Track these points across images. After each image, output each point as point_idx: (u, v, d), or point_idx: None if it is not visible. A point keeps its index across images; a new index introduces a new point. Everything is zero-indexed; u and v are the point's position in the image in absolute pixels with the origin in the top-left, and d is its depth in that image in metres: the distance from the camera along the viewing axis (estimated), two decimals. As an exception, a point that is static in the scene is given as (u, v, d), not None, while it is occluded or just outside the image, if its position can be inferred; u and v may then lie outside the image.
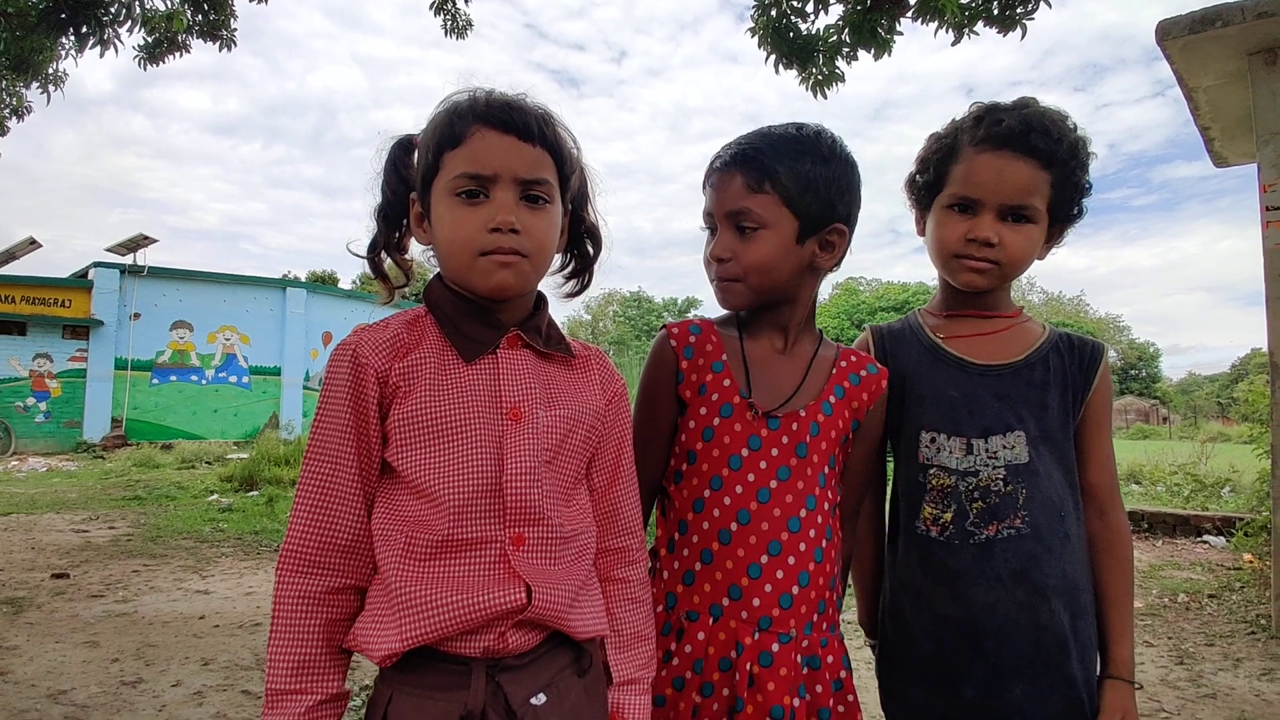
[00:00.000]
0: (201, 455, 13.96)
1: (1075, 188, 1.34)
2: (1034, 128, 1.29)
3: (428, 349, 1.08)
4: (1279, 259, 4.30)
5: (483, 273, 1.06)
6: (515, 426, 1.06)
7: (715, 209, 1.30)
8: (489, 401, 1.06)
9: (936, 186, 1.38)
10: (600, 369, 1.21)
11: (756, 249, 1.27)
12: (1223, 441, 15.13)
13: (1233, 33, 4.26)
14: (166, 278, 17.99)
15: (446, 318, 1.10)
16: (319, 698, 1.01)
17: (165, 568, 5.71)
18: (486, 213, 1.05)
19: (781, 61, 5.21)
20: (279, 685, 1.00)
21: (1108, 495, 1.37)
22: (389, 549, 1.03)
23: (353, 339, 1.07)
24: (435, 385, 1.05)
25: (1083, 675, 1.28)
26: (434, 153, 1.08)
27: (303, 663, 1.01)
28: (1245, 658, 3.97)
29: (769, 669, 1.20)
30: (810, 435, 1.27)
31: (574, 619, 1.08)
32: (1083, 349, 1.38)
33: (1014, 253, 1.32)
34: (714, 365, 1.31)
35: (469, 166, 1.05)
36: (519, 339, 1.12)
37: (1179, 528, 7.40)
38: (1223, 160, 6.01)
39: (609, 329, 56.91)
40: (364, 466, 1.05)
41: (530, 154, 1.07)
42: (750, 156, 1.28)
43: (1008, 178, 1.30)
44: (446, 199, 1.07)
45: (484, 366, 1.09)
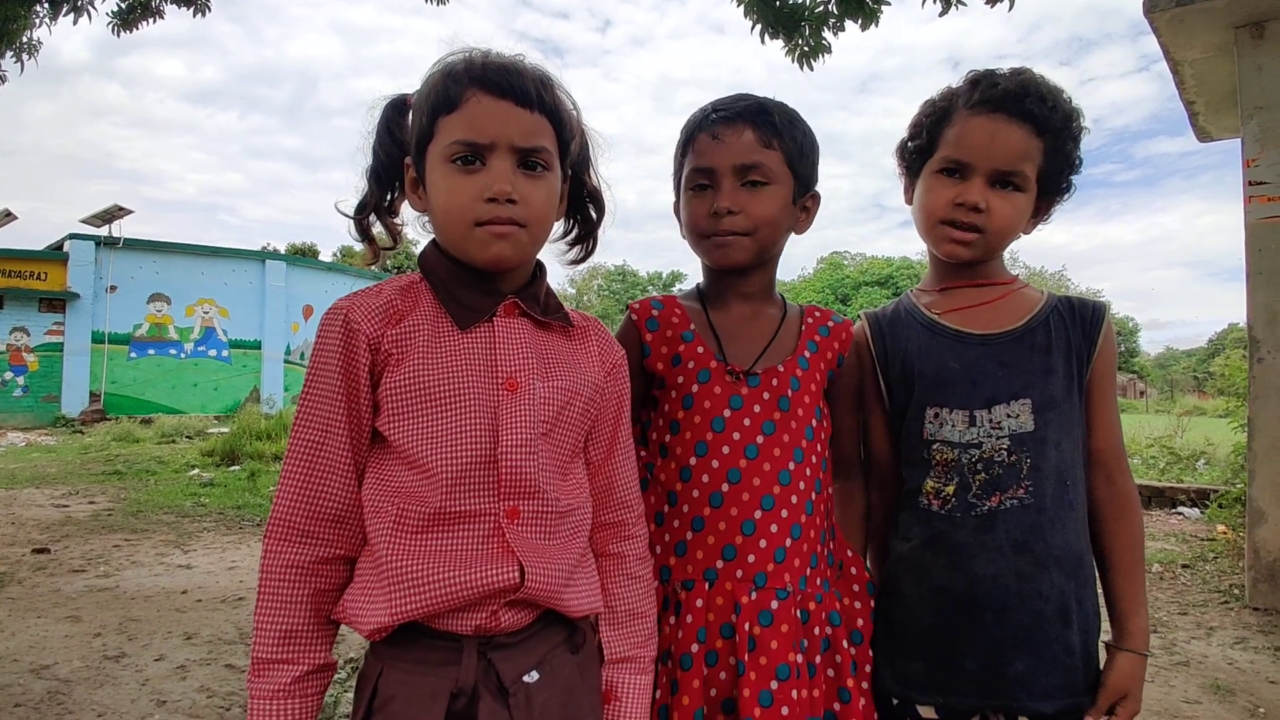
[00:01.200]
0: (181, 430, 13.84)
1: (1066, 159, 1.33)
2: (1030, 93, 1.28)
3: (421, 316, 1.05)
4: (1260, 233, 4.34)
5: (479, 243, 1.03)
6: (511, 397, 1.03)
7: (720, 161, 1.28)
8: (484, 371, 1.04)
9: (928, 151, 1.37)
10: (599, 339, 1.19)
11: (767, 203, 1.29)
12: (1198, 415, 15.36)
13: (1220, 5, 4.26)
14: (143, 250, 17.68)
15: (442, 284, 1.08)
16: (305, 668, 1.00)
17: (147, 542, 5.68)
18: (483, 181, 1.02)
19: (768, 31, 5.14)
20: (265, 654, 0.99)
21: (1115, 460, 1.34)
22: (379, 520, 1.01)
23: (344, 303, 1.04)
24: (428, 353, 1.03)
25: (1081, 645, 1.27)
26: (428, 117, 1.05)
27: (289, 632, 1.00)
28: (1218, 626, 4.06)
29: (770, 628, 1.21)
30: (792, 389, 1.29)
31: (568, 597, 1.07)
32: (1084, 310, 1.35)
33: (1000, 220, 1.31)
34: (684, 335, 1.31)
35: (464, 133, 1.02)
36: (516, 307, 1.09)
37: (1154, 500, 7.53)
38: (1206, 135, 6.03)
39: (593, 303, 56.74)
40: (355, 434, 1.03)
41: (528, 120, 1.04)
42: (759, 112, 1.29)
43: (1000, 140, 1.29)
44: (441, 166, 1.04)
45: (480, 335, 1.06)
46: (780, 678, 1.19)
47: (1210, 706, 3.09)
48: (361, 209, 1.15)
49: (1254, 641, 3.82)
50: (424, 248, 1.13)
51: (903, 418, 1.38)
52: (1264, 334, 4.31)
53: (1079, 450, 1.32)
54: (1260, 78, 4.37)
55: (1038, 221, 1.41)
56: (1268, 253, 4.30)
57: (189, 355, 18.13)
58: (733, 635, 1.21)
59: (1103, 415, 1.34)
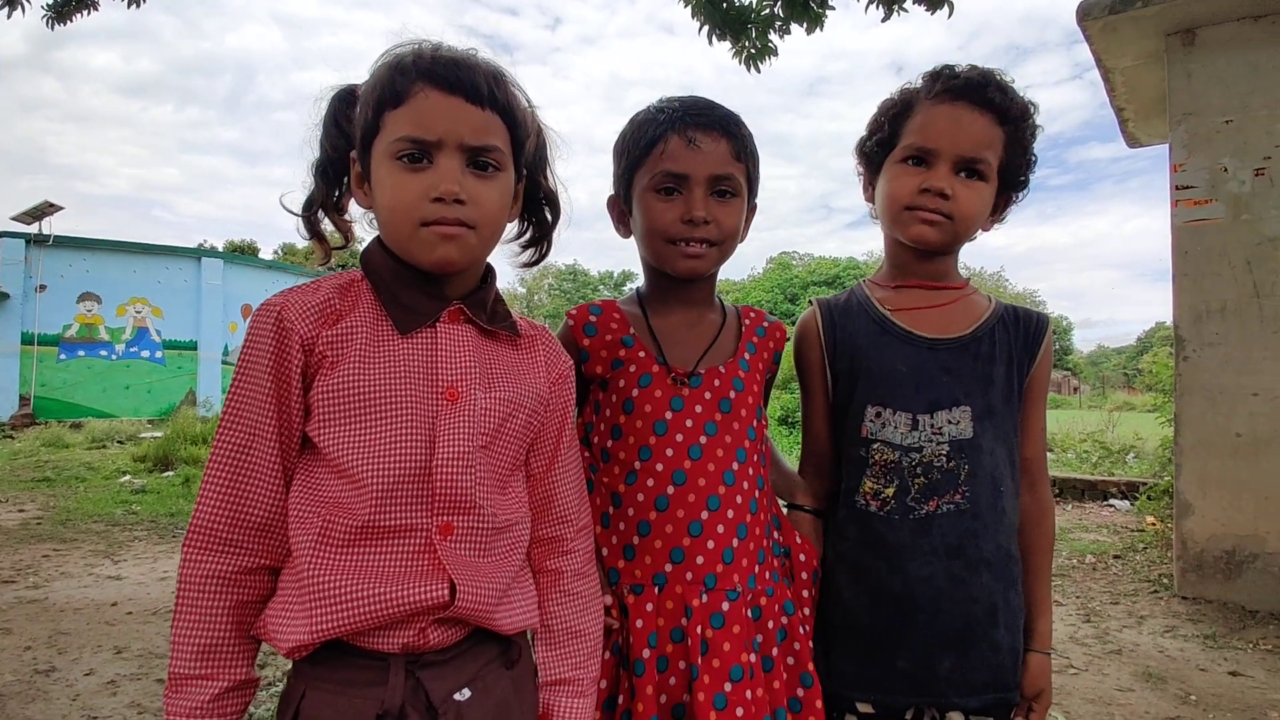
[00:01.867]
0: (113, 434, 13.30)
1: (1024, 151, 1.36)
2: (990, 82, 1.30)
3: (360, 317, 1.00)
4: (1186, 236, 4.51)
5: (425, 245, 0.99)
6: (451, 407, 0.99)
7: (696, 169, 1.25)
8: (424, 378, 0.99)
9: (890, 143, 1.38)
10: (546, 349, 1.16)
11: (734, 215, 1.29)
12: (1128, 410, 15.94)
13: (1152, 13, 4.40)
14: (73, 247, 16.92)
15: (384, 284, 1.03)
16: (225, 684, 0.95)
17: (76, 552, 5.45)
18: (430, 180, 0.97)
19: (715, 32, 5.17)
20: (183, 670, 0.94)
21: (1039, 470, 1.40)
22: (303, 532, 0.96)
23: (278, 300, 0.98)
24: (366, 357, 0.98)
25: (1008, 643, 1.31)
26: (374, 111, 1.00)
27: (209, 647, 0.95)
28: (1148, 615, 4.21)
29: (722, 629, 1.20)
30: (735, 390, 1.29)
31: (500, 615, 1.03)
32: (1028, 322, 1.39)
33: (966, 208, 1.32)
34: (624, 340, 1.30)
35: (411, 129, 0.97)
36: (461, 313, 1.05)
37: (1087, 492, 7.79)
38: (1136, 141, 6.24)
39: (544, 302, 56.43)
40: (284, 439, 0.98)
41: (479, 118, 1.00)
42: (733, 123, 1.29)
43: (965, 127, 1.30)
44: (387, 162, 0.99)
45: (420, 340, 1.01)
46: (734, 679, 1.18)
47: (1143, 694, 3.20)
48: (309, 205, 1.09)
49: (1183, 630, 3.97)
50: (367, 245, 1.08)
51: (843, 411, 1.39)
52: (1189, 333, 4.48)
53: (1012, 458, 1.36)
54: (1189, 84, 4.53)
55: (995, 219, 1.43)
56: (1193, 255, 4.47)
57: (121, 357, 17.40)
58: (683, 639, 1.20)
59: (1034, 425, 1.40)
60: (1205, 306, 4.43)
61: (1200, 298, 4.45)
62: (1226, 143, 4.41)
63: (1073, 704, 3.09)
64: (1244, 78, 4.37)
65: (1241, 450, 4.30)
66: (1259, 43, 4.34)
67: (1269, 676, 3.37)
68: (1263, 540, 4.23)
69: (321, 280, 1.03)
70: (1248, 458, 4.28)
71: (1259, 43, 4.34)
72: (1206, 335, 4.42)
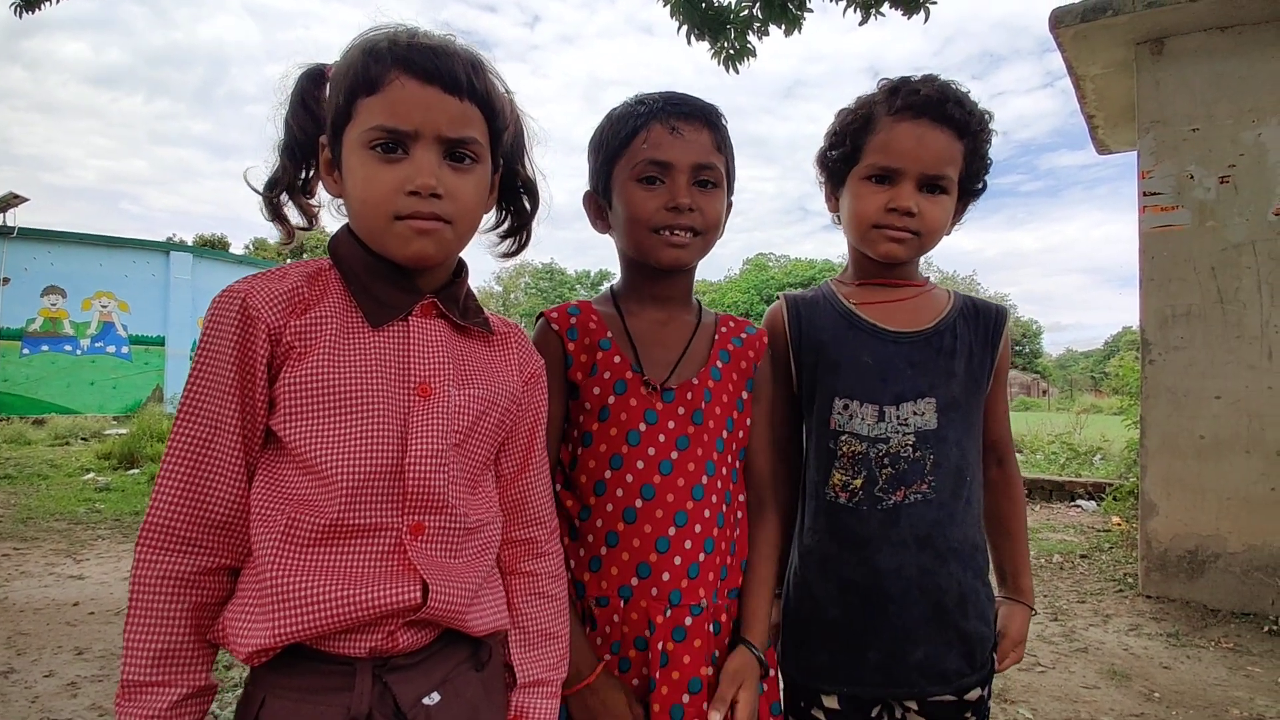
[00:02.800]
0: (77, 431, 13.01)
1: (982, 160, 1.39)
2: (949, 98, 1.32)
3: (330, 308, 0.96)
4: (1153, 242, 4.59)
5: (399, 239, 0.96)
6: (423, 403, 0.96)
7: (679, 157, 1.24)
8: (396, 373, 0.96)
9: (852, 159, 1.39)
10: (520, 348, 1.13)
11: (717, 205, 1.29)
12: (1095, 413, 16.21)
13: (1122, 22, 4.47)
14: (38, 239, 16.53)
15: (354, 275, 0.99)
16: (183, 691, 0.91)
17: (37, 551, 5.31)
18: (405, 172, 0.94)
19: (694, 33, 5.19)
20: (138, 676, 0.89)
21: (1005, 447, 1.49)
22: (266, 531, 0.92)
23: (242, 286, 0.94)
24: (335, 349, 0.94)
25: (978, 632, 1.34)
26: (346, 96, 0.95)
27: (165, 651, 0.90)
28: (1114, 614, 4.28)
29: (683, 643, 1.20)
30: (705, 402, 1.27)
31: (472, 617, 1.01)
32: (986, 315, 1.43)
33: (931, 222, 1.35)
34: (601, 343, 1.28)
35: (386, 119, 0.93)
36: (434, 307, 1.02)
37: (1055, 493, 7.91)
38: (1105, 148, 6.34)
39: (520, 301, 56.17)
40: (247, 432, 0.93)
41: (456, 108, 0.96)
42: (715, 114, 1.29)
43: (928, 145, 1.32)
44: (360, 151, 0.95)
45: (392, 334, 0.98)
46: (692, 691, 1.18)
47: (1108, 691, 3.25)
48: (272, 186, 1.04)
49: (1147, 628, 4.04)
50: (336, 233, 1.04)
51: (810, 403, 1.40)
52: (1155, 337, 4.56)
53: (976, 448, 1.39)
54: (1158, 93, 4.61)
55: (955, 222, 1.46)
56: (1160, 260, 4.55)
57: (86, 351, 17.05)
58: (646, 649, 1.19)
59: (998, 408, 1.47)
60: (1171, 311, 4.51)
61: (1166, 302, 4.53)
62: (1193, 150, 4.49)
63: (1040, 701, 3.13)
64: (1210, 87, 4.46)
65: (1204, 452, 4.38)
66: (1225, 53, 4.43)
67: (1230, 674, 3.44)
68: (1224, 540, 4.32)
69: (288, 267, 0.99)
70: (1210, 459, 4.37)
71: (1225, 53, 4.43)
72: (1172, 339, 4.50)
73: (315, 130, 1.03)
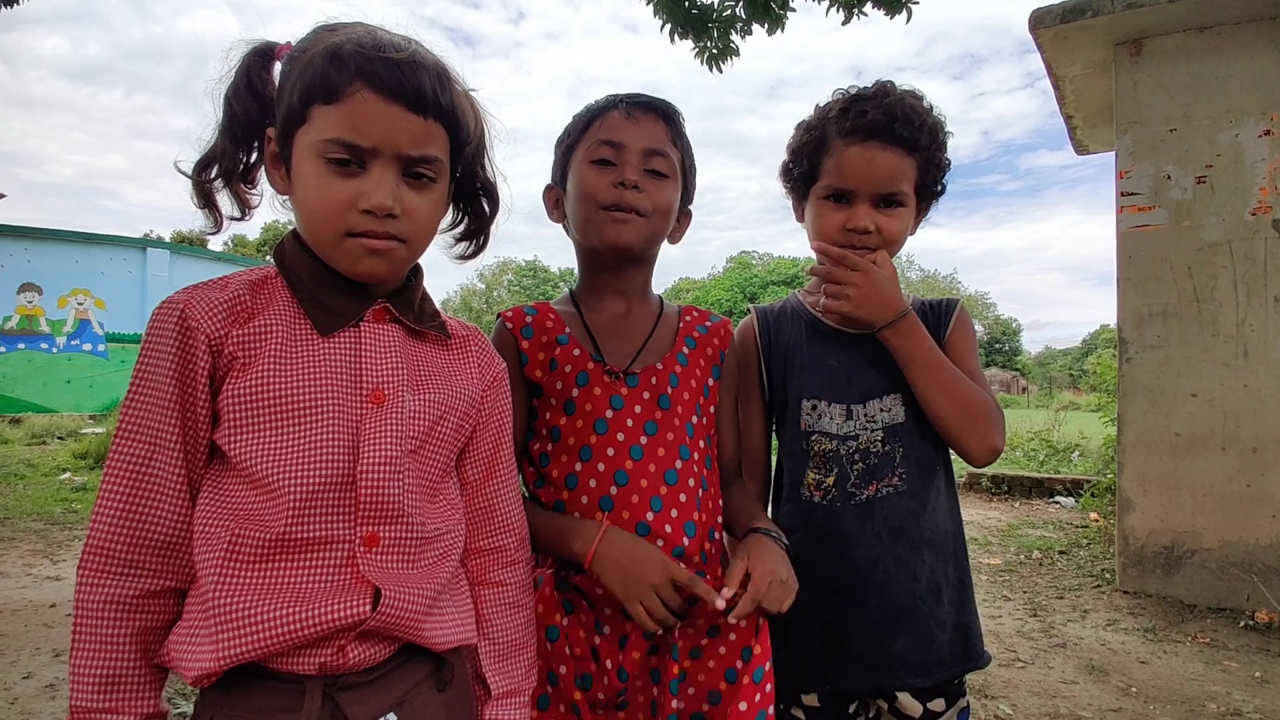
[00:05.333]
0: (53, 429, 12.84)
1: (937, 167, 1.42)
2: (897, 117, 1.34)
3: (275, 316, 0.93)
4: (1130, 241, 4.64)
5: (349, 255, 0.92)
6: (376, 410, 0.92)
7: (631, 140, 1.26)
8: (347, 381, 0.92)
9: (811, 177, 1.43)
10: (479, 351, 1.10)
11: (667, 194, 1.30)
12: (1073, 410, 16.42)
13: (1101, 23, 4.51)
14: (13, 236, 16.27)
15: (300, 282, 0.95)
16: (132, 718, 0.88)
17: (13, 552, 5.24)
18: (360, 188, 0.90)
19: (677, 31, 5.19)
20: (85, 703, 0.86)
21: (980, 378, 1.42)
22: (209, 549, 0.88)
23: (180, 297, 0.90)
24: (282, 359, 0.90)
25: (953, 619, 1.36)
26: (302, 99, 0.90)
27: (111, 678, 0.87)
28: (1092, 609, 4.33)
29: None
30: (671, 387, 1.28)
31: (430, 628, 0.96)
32: (937, 309, 1.47)
33: (890, 236, 1.39)
34: (559, 339, 1.29)
35: (344, 133, 0.89)
36: (387, 312, 0.99)
37: (1034, 490, 7.99)
38: (1084, 148, 6.41)
39: (504, 298, 55.97)
40: (189, 449, 0.90)
41: (419, 127, 0.92)
42: (671, 110, 1.32)
43: (878, 167, 1.35)
44: (312, 160, 0.90)
45: (343, 340, 0.94)
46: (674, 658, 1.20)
47: (1086, 686, 3.29)
48: (205, 166, 0.97)
49: (1124, 623, 4.09)
50: (281, 241, 1.00)
51: (782, 409, 1.45)
52: (1132, 335, 4.62)
53: (941, 443, 1.41)
54: (1136, 93, 4.66)
55: (918, 222, 1.49)
56: (1137, 259, 4.61)
57: (62, 349, 16.82)
58: (632, 636, 1.20)
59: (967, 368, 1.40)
60: (1148, 310, 4.57)
61: (1143, 301, 4.59)
62: (1170, 151, 4.55)
63: (1019, 696, 3.17)
64: (1187, 88, 4.52)
65: (1180, 449, 4.45)
66: (1202, 54, 4.48)
67: (1206, 669, 3.49)
68: (1199, 536, 4.38)
69: (230, 276, 0.94)
70: (1186, 457, 4.43)
71: (1202, 54, 4.48)
72: (1148, 338, 4.56)
73: (259, 114, 0.97)
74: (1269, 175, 4.33)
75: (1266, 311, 4.29)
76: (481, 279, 59.63)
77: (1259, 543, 4.24)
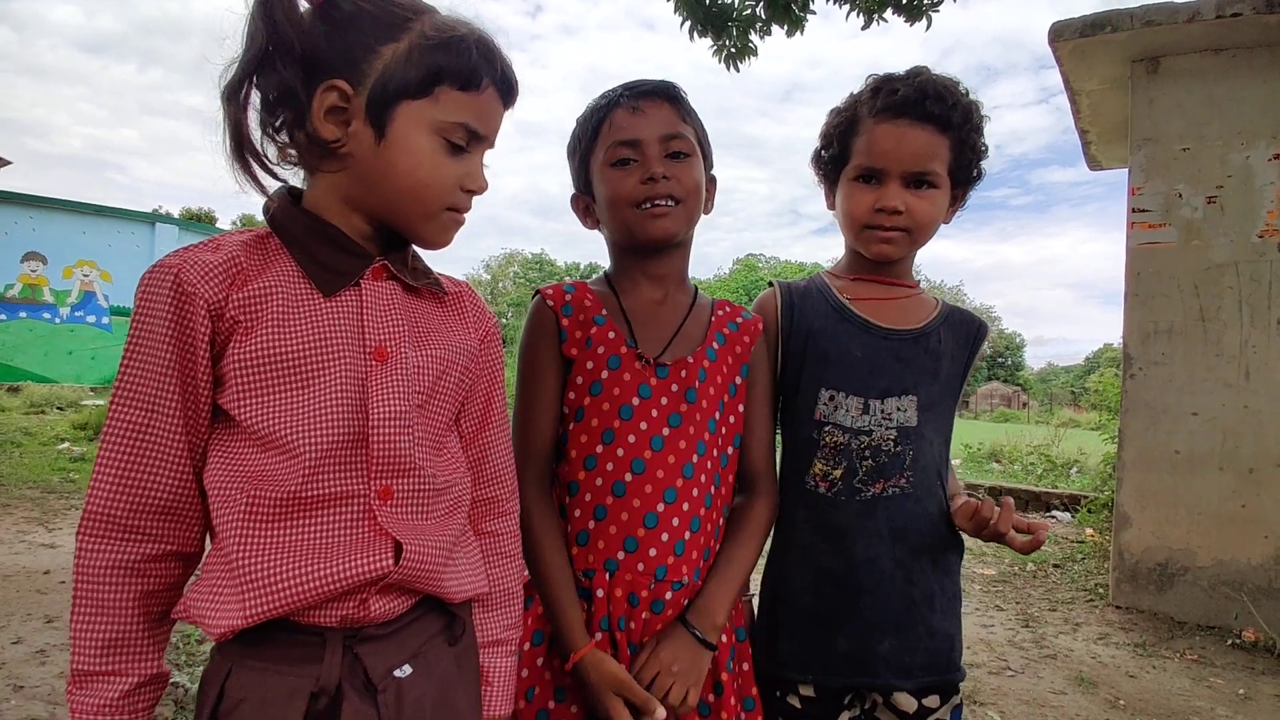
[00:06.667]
0: (53, 400, 12.86)
1: (972, 150, 1.40)
2: (929, 94, 1.33)
3: (275, 277, 0.93)
4: (1140, 258, 4.64)
5: (442, 227, 1.01)
6: (381, 367, 0.94)
7: (644, 132, 1.27)
8: (351, 339, 0.94)
9: (842, 160, 1.42)
10: (473, 306, 1.12)
11: (692, 173, 1.30)
12: (1073, 427, 16.42)
13: (1120, 39, 4.51)
14: (19, 204, 16.28)
15: (297, 242, 0.95)
16: (135, 679, 0.89)
17: (8, 519, 5.27)
18: (466, 169, 0.99)
19: (696, 29, 5.19)
20: (87, 665, 0.88)
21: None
22: (227, 510, 0.89)
23: (174, 260, 0.89)
24: (285, 320, 0.91)
25: (943, 629, 1.36)
26: (429, 77, 0.93)
27: (114, 640, 0.88)
28: (1084, 623, 4.34)
29: (659, 615, 1.22)
30: (699, 381, 1.28)
31: (448, 579, 0.99)
32: (969, 325, 1.46)
33: (921, 218, 1.37)
34: (595, 319, 1.29)
35: (474, 121, 0.98)
36: (385, 269, 0.99)
37: (1031, 503, 7.99)
38: (1097, 164, 6.41)
39: (509, 290, 56.01)
40: (190, 414, 0.90)
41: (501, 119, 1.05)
42: (672, 88, 1.32)
43: (908, 144, 1.34)
44: (430, 136, 0.95)
45: (345, 299, 0.95)
46: None
47: (1074, 698, 3.30)
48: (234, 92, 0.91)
49: (1116, 638, 4.10)
50: (271, 202, 0.98)
51: (792, 393, 1.41)
52: (1137, 351, 4.62)
53: (947, 451, 1.42)
54: (1151, 111, 4.66)
55: (955, 209, 1.47)
56: (1145, 276, 4.61)
57: (65, 320, 16.83)
58: (626, 626, 1.21)
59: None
60: (1153, 327, 4.57)
61: (1149, 318, 4.59)
62: (1182, 169, 4.55)
63: (1008, 704, 3.18)
64: (1202, 108, 4.52)
65: (1179, 467, 4.45)
66: (1217, 75, 4.48)
67: (1193, 685, 3.50)
68: (1193, 554, 4.39)
69: (221, 238, 0.94)
70: (1184, 475, 4.43)
71: (1217, 75, 4.48)
72: (1153, 355, 4.56)
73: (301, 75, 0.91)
74: (1277, 198, 4.33)
75: (1269, 334, 4.29)
76: (488, 270, 59.69)
77: (1250, 563, 4.25)
